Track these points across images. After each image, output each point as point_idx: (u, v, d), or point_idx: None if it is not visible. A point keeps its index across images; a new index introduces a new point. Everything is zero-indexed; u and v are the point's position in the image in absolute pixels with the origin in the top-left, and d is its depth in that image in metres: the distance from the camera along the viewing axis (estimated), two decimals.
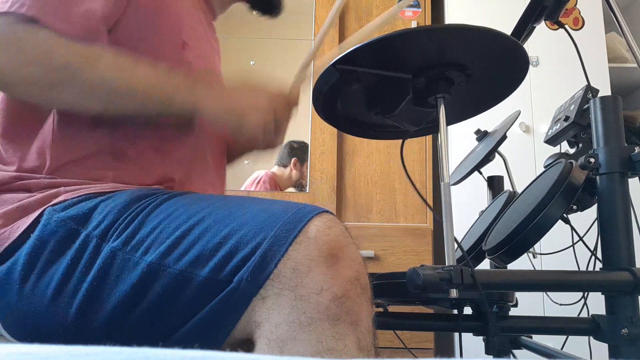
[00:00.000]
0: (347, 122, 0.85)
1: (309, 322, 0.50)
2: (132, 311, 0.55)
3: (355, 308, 0.52)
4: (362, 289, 0.54)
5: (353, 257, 0.55)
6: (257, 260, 0.52)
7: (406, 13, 2.30)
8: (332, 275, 0.52)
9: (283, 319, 0.51)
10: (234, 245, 0.54)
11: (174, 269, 0.54)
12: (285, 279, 0.52)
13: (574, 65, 0.99)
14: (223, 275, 0.53)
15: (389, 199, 2.12)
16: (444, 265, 0.64)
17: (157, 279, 0.54)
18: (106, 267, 0.56)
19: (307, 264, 0.52)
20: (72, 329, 0.56)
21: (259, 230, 0.54)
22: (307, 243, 0.53)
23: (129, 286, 0.54)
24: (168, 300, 0.54)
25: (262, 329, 0.52)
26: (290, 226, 0.54)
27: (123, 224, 0.58)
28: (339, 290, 0.52)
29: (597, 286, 0.73)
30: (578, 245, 0.89)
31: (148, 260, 0.55)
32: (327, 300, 0.51)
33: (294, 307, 0.51)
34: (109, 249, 0.56)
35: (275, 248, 0.53)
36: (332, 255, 0.53)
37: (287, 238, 0.53)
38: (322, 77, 0.71)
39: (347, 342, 0.51)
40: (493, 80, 0.75)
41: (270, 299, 0.52)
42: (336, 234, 0.55)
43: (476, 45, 0.67)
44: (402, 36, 0.63)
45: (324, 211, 0.57)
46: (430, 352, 1.84)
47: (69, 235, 0.58)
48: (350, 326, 0.51)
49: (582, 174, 0.74)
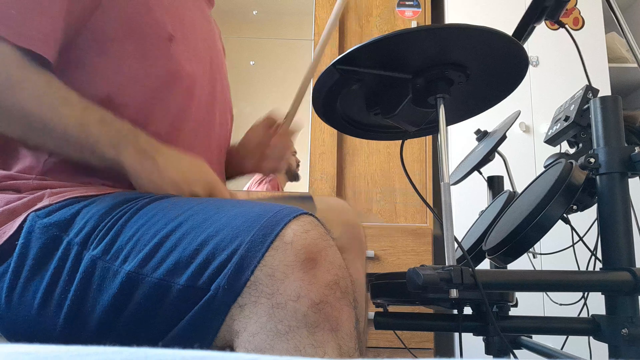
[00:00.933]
0: (346, 122, 0.85)
1: (286, 330, 0.49)
2: (116, 320, 0.54)
3: (334, 314, 0.51)
4: (341, 293, 0.52)
5: (331, 261, 0.53)
6: (234, 267, 0.51)
7: (406, 13, 2.30)
8: (309, 280, 0.51)
9: (260, 327, 0.49)
10: (211, 252, 0.53)
11: (152, 277, 0.53)
12: (262, 286, 0.51)
13: (574, 65, 0.99)
14: (200, 282, 0.52)
15: (389, 199, 2.12)
16: (444, 265, 0.64)
17: (137, 288, 0.53)
18: (88, 276, 0.55)
19: (283, 270, 0.51)
20: (61, 338, 0.56)
21: (236, 235, 0.53)
22: (284, 248, 0.51)
23: (111, 296, 0.54)
24: (149, 309, 0.53)
25: (241, 339, 0.50)
26: (267, 231, 0.52)
27: (103, 231, 0.57)
28: (317, 296, 0.50)
29: (597, 286, 0.73)
30: (578, 245, 0.89)
31: (127, 270, 0.54)
32: (304, 307, 0.50)
33: (271, 315, 0.49)
34: (89, 257, 0.56)
35: (251, 254, 0.51)
36: (310, 259, 0.51)
37: (264, 243, 0.51)
38: (322, 77, 0.71)
39: (327, 350, 0.49)
40: (493, 80, 0.75)
41: (248, 307, 0.51)
42: (313, 238, 0.53)
43: (476, 45, 0.67)
44: (401, 36, 0.63)
45: (303, 213, 0.55)
46: (430, 352, 1.84)
47: (52, 242, 0.57)
48: (330, 333, 0.50)
49: (582, 174, 0.74)
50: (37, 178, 0.65)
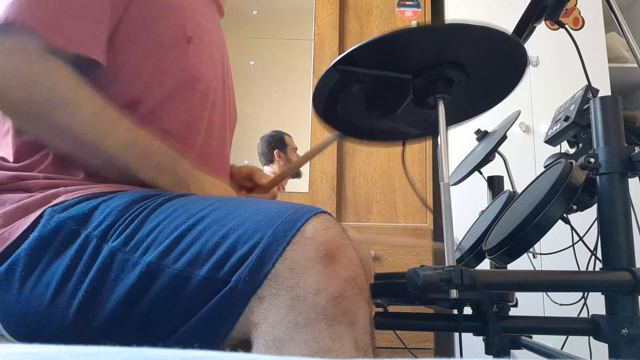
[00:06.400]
0: (347, 127, 0.85)
1: (305, 322, 0.50)
2: (131, 311, 0.55)
3: (352, 308, 0.52)
4: (359, 289, 0.54)
5: (350, 258, 0.54)
6: (255, 260, 0.52)
7: (406, 13, 2.30)
8: (328, 275, 0.52)
9: (280, 319, 0.51)
10: (232, 245, 0.54)
11: (172, 268, 0.54)
12: (282, 279, 0.52)
13: (574, 65, 0.99)
14: (221, 274, 0.53)
15: (389, 199, 2.12)
16: (444, 265, 0.64)
17: (156, 279, 0.54)
18: (106, 267, 0.56)
19: (304, 264, 0.52)
20: (71, 329, 0.56)
21: (257, 229, 0.54)
22: (304, 243, 0.53)
23: (128, 286, 0.54)
24: (167, 300, 0.54)
25: (259, 330, 0.52)
26: (288, 226, 0.54)
27: (123, 225, 0.58)
28: (336, 290, 0.52)
29: (597, 286, 0.73)
30: (578, 245, 0.89)
31: (147, 260, 0.55)
32: (323, 300, 0.51)
33: (290, 307, 0.51)
34: (108, 249, 0.56)
35: (273, 247, 0.53)
36: (329, 255, 0.53)
37: (285, 238, 0.53)
38: (323, 78, 0.71)
39: (344, 342, 0.51)
40: (493, 80, 0.75)
41: (268, 299, 0.52)
42: (333, 235, 0.54)
43: (476, 44, 0.67)
44: (401, 35, 0.63)
45: (322, 212, 0.57)
46: (430, 352, 1.84)
47: (70, 235, 0.58)
48: (347, 326, 0.51)
49: (582, 174, 0.74)
50: (46, 177, 0.65)
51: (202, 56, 0.78)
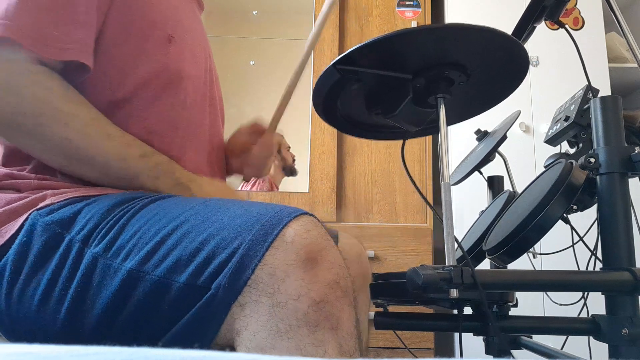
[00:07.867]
0: (347, 122, 0.85)
1: (287, 329, 0.49)
2: (116, 317, 0.54)
3: (335, 313, 0.51)
4: (342, 292, 0.52)
5: (332, 260, 0.53)
6: (235, 266, 0.51)
7: (406, 13, 2.30)
8: (310, 279, 0.51)
9: (261, 326, 0.50)
10: (212, 250, 0.53)
11: (153, 275, 0.53)
12: (262, 285, 0.51)
13: (574, 65, 0.99)
14: (201, 281, 0.52)
15: (389, 199, 2.12)
16: (444, 265, 0.64)
17: (137, 286, 0.53)
18: (89, 272, 0.55)
19: (284, 269, 0.51)
20: (61, 335, 0.56)
21: (237, 234, 0.53)
22: (285, 247, 0.52)
23: (111, 293, 0.54)
24: (150, 307, 0.53)
25: (242, 337, 0.51)
26: (268, 230, 0.53)
27: (105, 229, 0.57)
28: (318, 295, 0.50)
29: (597, 286, 0.73)
30: (578, 245, 0.89)
31: (128, 267, 0.54)
32: (305, 305, 0.50)
33: (271, 314, 0.50)
34: (91, 254, 0.56)
35: (252, 253, 0.51)
36: (310, 259, 0.52)
37: (264, 243, 0.52)
38: (322, 77, 0.71)
39: (327, 349, 0.49)
40: (493, 80, 0.75)
41: (249, 306, 0.51)
42: (314, 237, 0.53)
43: (476, 45, 0.67)
44: (401, 36, 0.63)
45: (303, 213, 0.56)
46: (430, 352, 1.84)
47: (53, 239, 0.58)
48: (330, 332, 0.50)
49: (582, 174, 0.74)
50: (38, 177, 0.65)
51: (185, 54, 0.78)
